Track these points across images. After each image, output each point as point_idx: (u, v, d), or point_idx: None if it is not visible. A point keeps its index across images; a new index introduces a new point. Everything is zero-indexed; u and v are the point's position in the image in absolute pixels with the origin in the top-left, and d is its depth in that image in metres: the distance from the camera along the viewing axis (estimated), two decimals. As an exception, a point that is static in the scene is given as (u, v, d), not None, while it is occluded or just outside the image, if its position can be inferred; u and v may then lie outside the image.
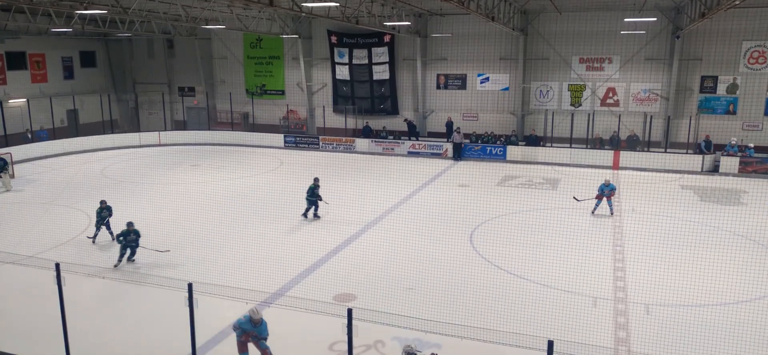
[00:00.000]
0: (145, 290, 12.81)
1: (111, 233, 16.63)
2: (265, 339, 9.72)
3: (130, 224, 14.85)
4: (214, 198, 21.97)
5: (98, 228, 16.74)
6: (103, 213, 16.77)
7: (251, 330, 9.62)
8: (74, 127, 34.79)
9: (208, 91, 37.94)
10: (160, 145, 34.28)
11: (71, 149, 31.53)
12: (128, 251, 14.82)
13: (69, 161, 29.33)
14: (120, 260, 14.66)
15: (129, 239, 14.75)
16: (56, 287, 9.30)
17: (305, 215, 19.01)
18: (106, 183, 24.51)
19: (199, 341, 9.88)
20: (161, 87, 38.91)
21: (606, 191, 19.33)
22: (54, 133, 32.32)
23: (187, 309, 9.09)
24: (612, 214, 19.33)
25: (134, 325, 11.69)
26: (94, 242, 16.70)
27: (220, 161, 29.60)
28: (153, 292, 12.65)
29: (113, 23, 30.77)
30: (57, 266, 9.25)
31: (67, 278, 9.53)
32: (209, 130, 36.18)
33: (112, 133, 34.61)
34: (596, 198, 19.50)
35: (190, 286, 8.89)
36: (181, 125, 38.26)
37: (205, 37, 37.33)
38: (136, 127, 36.91)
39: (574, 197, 19.79)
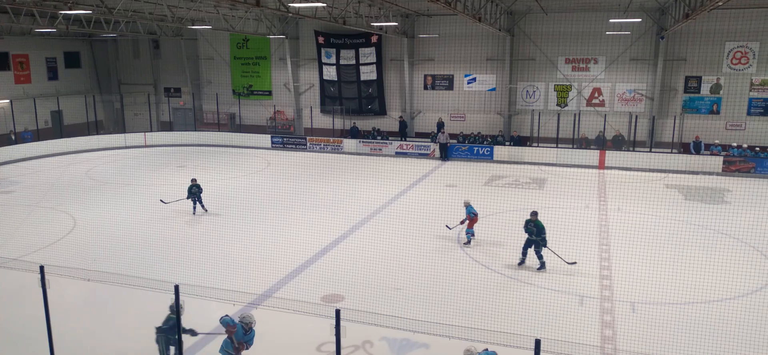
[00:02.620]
0: (131, 292, 12.68)
1: (202, 207, 19.58)
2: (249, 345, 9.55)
3: (193, 180, 19.17)
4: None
5: (194, 202, 19.48)
6: (194, 190, 19.36)
7: (242, 339, 9.34)
8: (59, 129, 34.44)
9: (195, 92, 37.73)
10: (145, 146, 34.04)
11: (56, 151, 31.21)
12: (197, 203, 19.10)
13: (53, 163, 29.03)
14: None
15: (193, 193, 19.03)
16: (41, 289, 9.20)
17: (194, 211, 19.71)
18: (92, 184, 24.30)
19: (187, 343, 9.82)
20: (147, 88, 38.65)
21: (469, 215, 16.46)
22: (38, 135, 31.99)
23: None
24: (468, 242, 16.55)
25: (120, 327, 11.59)
26: (194, 213, 19.43)
27: (206, 162, 29.44)
28: (139, 294, 12.54)
29: (98, 24, 30.52)
30: (41, 268, 9.15)
31: (52, 281, 9.42)
32: (195, 131, 35.99)
33: (98, 134, 34.31)
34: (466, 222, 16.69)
35: (176, 287, 8.83)
36: (167, 126, 38.01)
37: (191, 37, 37.12)
38: (121, 128, 36.65)
39: (446, 226, 17.03)
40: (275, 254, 15.55)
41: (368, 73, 33.46)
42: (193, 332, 9.59)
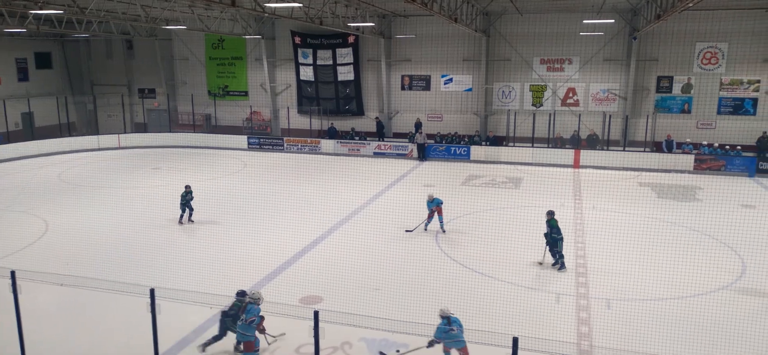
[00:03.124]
0: (106, 296, 12.51)
1: (191, 213, 18.61)
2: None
3: (187, 186, 18.41)
4: (176, 201, 21.57)
5: (183, 211, 18.48)
6: (188, 197, 18.42)
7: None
8: (30, 131, 33.75)
9: (169, 93, 37.30)
10: (119, 148, 33.54)
11: (26, 153, 30.57)
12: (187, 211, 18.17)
13: (24, 166, 28.44)
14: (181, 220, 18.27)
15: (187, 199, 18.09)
16: (12, 295, 9.02)
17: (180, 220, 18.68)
18: (64, 188, 23.87)
19: (162, 348, 9.72)
20: (120, 89, 38.08)
21: (432, 207, 17.42)
22: (8, 137, 31.34)
23: (150, 315, 8.93)
24: (443, 231, 17.39)
25: (95, 333, 11.40)
26: (181, 222, 18.50)
27: (182, 164, 29.13)
28: (114, 298, 12.37)
29: (70, 23, 29.98)
30: (12, 273, 8.97)
31: (24, 286, 9.25)
32: (170, 132, 35.54)
33: (70, 136, 33.70)
34: (427, 218, 17.63)
35: (152, 291, 8.74)
36: (142, 128, 37.54)
37: (165, 37, 36.69)
38: (94, 130, 36.04)
39: (406, 230, 17.65)
40: (253, 256, 15.45)
41: (345, 74, 33.43)
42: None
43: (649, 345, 10.60)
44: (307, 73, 34.07)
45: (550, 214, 14.83)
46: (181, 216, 18.64)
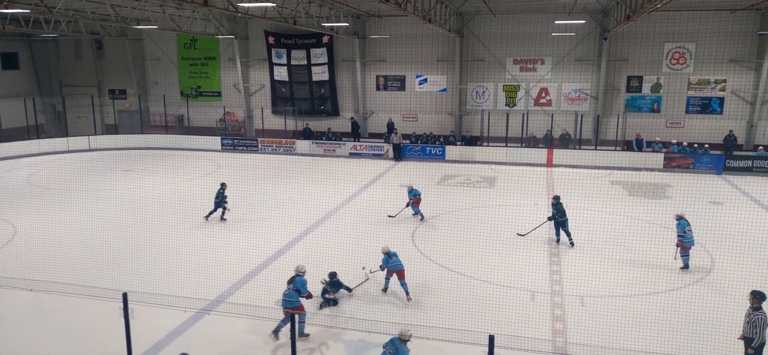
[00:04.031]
0: (78, 301, 12.27)
1: (223, 211, 18.77)
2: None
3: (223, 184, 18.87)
4: (148, 204, 21.30)
5: (216, 208, 18.68)
6: (223, 195, 18.67)
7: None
8: (-5, 133, 32.98)
9: (141, 94, 36.74)
10: (89, 150, 32.93)
11: (-8, 156, 29.89)
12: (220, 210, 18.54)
13: (-10, 169, 27.78)
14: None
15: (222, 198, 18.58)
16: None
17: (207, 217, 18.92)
18: (33, 191, 23.36)
19: (136, 352, 9.58)
20: (90, 89, 37.35)
21: (411, 197, 18.73)
22: (-27, 140, 30.55)
23: (123, 320, 8.80)
24: (421, 218, 18.82)
25: (66, 339, 11.19)
26: (207, 219, 18.78)
27: (154, 166, 28.73)
28: (86, 303, 12.13)
29: (37, 23, 29.32)
30: (-20, 280, 8.76)
31: (-8, 293, 9.05)
32: (142, 133, 35.00)
33: (38, 138, 32.95)
34: (409, 205, 18.87)
35: (124, 296, 8.62)
36: (113, 129, 36.92)
37: (136, 37, 36.13)
38: (63, 131, 35.31)
39: (389, 215, 19.15)
40: (228, 258, 15.31)
41: (320, 74, 33.32)
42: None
43: (622, 340, 10.78)
44: (281, 74, 33.88)
45: (556, 198, 16.55)
46: (211, 212, 18.79)
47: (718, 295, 13.01)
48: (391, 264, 12.88)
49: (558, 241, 16.46)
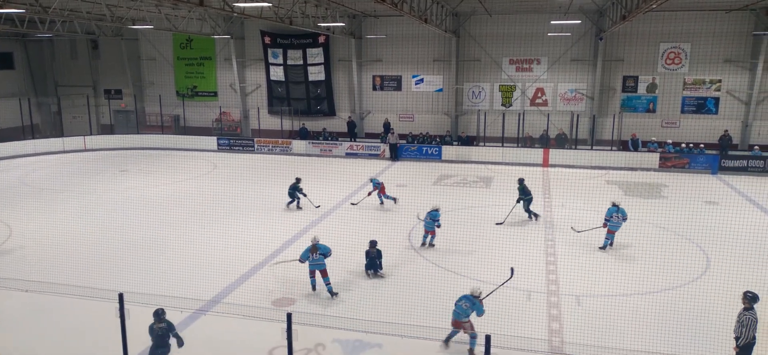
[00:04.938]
0: (74, 301, 12.23)
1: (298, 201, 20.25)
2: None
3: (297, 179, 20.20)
4: (144, 204, 21.25)
5: (293, 200, 20.14)
6: (298, 188, 20.11)
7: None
8: (-10, 133, 32.84)
9: (136, 94, 36.65)
10: (85, 150, 32.83)
11: (-13, 156, 29.77)
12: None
13: (-15, 169, 27.67)
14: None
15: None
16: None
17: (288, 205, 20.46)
18: (28, 191, 23.28)
19: (132, 354, 9.54)
20: (86, 90, 37.23)
21: (374, 187, 20.53)
22: (-33, 140, 30.40)
23: (118, 320, 8.78)
24: (395, 201, 20.60)
25: (62, 340, 11.15)
26: (288, 207, 20.27)
27: (150, 166, 28.67)
28: (82, 304, 12.10)
29: (32, 23, 29.20)
30: (-25, 280, 8.73)
31: (-13, 293, 9.01)
32: (138, 133, 34.93)
33: (33, 138, 32.82)
34: (374, 195, 20.68)
35: (120, 296, 8.59)
36: (108, 129, 36.81)
37: (132, 37, 36.04)
38: (59, 132, 35.18)
39: (353, 203, 20.97)
40: (224, 259, 15.29)
41: (316, 74, 33.30)
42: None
43: (619, 340, 10.81)
44: (277, 73, 33.84)
45: (520, 181, 18.71)
46: (290, 203, 20.30)
47: (714, 294, 13.04)
48: (313, 261, 13.09)
49: (530, 217, 18.52)
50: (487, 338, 7.38)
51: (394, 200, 20.60)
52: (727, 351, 9.88)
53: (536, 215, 18.73)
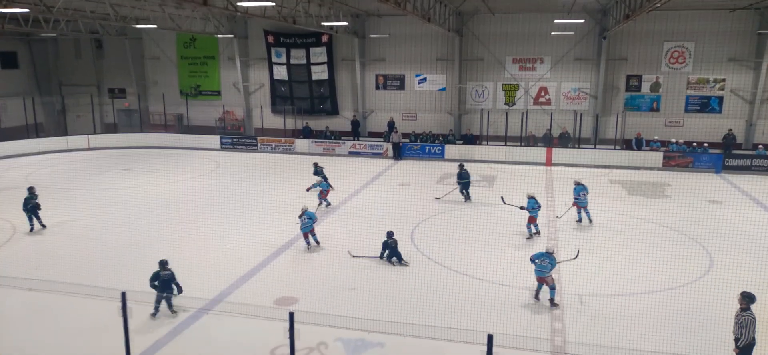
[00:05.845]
0: (76, 300, 12.28)
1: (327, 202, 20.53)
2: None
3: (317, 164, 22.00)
4: (147, 203, 21.29)
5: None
6: (323, 173, 21.49)
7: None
8: (-5, 132, 32.95)
9: (140, 93, 36.74)
10: (89, 149, 32.92)
11: (-8, 155, 29.87)
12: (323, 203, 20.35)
13: (-10, 168, 27.76)
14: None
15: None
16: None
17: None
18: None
19: (135, 352, 9.58)
20: (90, 89, 37.35)
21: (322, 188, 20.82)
22: (-28, 139, 30.51)
23: (121, 319, 8.81)
24: (327, 205, 20.64)
25: (65, 338, 11.19)
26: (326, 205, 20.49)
27: (153, 165, 28.71)
28: (84, 302, 12.15)
29: (37, 22, 29.26)
30: (-21, 279, 8.77)
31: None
32: (142, 132, 35.01)
33: (38, 137, 32.93)
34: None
35: (123, 294, 8.62)
36: (112, 128, 36.91)
37: (135, 36, 36.11)
38: (63, 130, 35.29)
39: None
40: (227, 258, 15.31)
41: (319, 73, 33.32)
42: None
43: (621, 339, 10.79)
44: (280, 73, 33.88)
45: (460, 166, 21.13)
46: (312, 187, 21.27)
47: (717, 293, 12.99)
48: (304, 226, 15.79)
49: (466, 199, 20.79)
50: (489, 338, 7.38)
51: (327, 204, 20.63)
52: (730, 351, 9.85)
53: (468, 197, 20.92)
